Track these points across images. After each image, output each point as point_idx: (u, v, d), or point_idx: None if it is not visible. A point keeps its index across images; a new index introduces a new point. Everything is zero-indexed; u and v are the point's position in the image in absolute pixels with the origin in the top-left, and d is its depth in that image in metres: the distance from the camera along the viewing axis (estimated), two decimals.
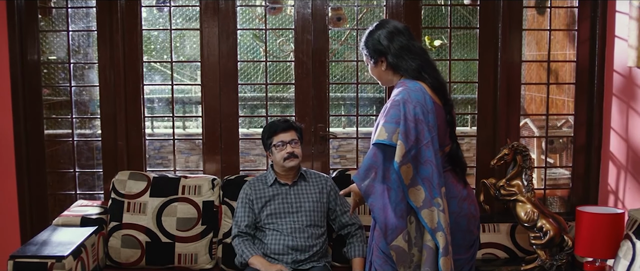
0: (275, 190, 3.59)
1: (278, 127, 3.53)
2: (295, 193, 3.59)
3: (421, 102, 2.68)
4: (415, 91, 2.71)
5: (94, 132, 4.74)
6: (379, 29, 2.90)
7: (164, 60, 5.14)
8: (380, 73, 2.91)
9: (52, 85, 4.43)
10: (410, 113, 2.64)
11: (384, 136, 2.63)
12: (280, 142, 3.51)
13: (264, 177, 3.68)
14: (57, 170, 4.36)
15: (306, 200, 3.58)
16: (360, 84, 4.34)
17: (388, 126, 2.64)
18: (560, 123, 4.99)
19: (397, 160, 2.60)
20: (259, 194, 3.59)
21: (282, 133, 3.52)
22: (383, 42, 2.84)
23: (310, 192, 3.60)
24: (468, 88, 4.33)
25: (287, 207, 3.55)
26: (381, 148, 2.65)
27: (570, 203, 4.20)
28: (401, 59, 2.81)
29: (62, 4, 4.20)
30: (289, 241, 3.47)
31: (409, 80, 2.79)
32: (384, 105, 2.81)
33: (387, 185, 2.64)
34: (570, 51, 4.32)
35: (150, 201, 3.78)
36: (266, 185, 3.62)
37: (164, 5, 4.29)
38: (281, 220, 3.53)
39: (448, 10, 4.36)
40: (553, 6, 4.32)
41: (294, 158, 3.53)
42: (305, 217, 3.53)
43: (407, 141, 2.61)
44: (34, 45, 4.07)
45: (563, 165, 5.00)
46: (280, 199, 3.57)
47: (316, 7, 4.04)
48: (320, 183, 3.67)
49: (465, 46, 5.81)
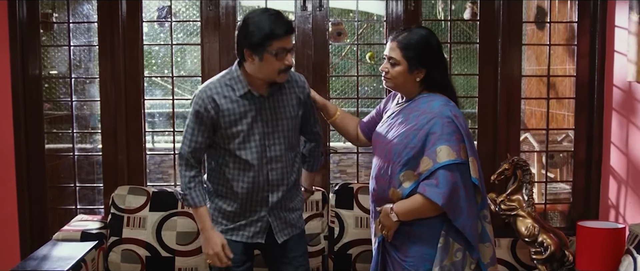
0: (246, 104, 2.80)
1: (282, 30, 2.66)
2: (271, 108, 2.84)
3: (462, 116, 2.67)
4: (453, 105, 2.67)
5: (94, 146, 4.75)
6: (433, 36, 2.71)
7: (165, 75, 5.15)
8: (407, 81, 2.70)
9: (53, 100, 4.44)
10: (464, 127, 2.61)
11: (454, 156, 2.56)
12: (283, 49, 2.68)
13: (228, 83, 2.81)
14: (58, 185, 4.35)
15: (283, 116, 2.87)
16: (360, 99, 4.35)
17: (453, 145, 2.56)
18: (561, 138, 4.99)
19: (475, 176, 2.59)
20: (227, 108, 2.78)
21: (286, 37, 2.69)
22: (436, 54, 2.69)
23: (287, 104, 2.89)
24: (468, 103, 4.33)
25: (263, 127, 2.82)
26: (456, 168, 2.57)
27: (571, 218, 4.19)
28: (444, 77, 2.72)
29: (64, 19, 4.22)
30: (262, 174, 2.84)
31: (435, 94, 2.71)
32: (407, 115, 2.70)
33: (470, 202, 2.63)
34: (570, 66, 4.33)
35: (150, 215, 3.77)
36: (234, 94, 2.79)
37: (165, 20, 4.31)
38: (254, 147, 2.82)
39: (448, 25, 4.38)
40: (552, 21, 4.33)
41: (288, 71, 2.80)
42: (283, 139, 2.87)
43: (475, 155, 2.61)
44: (36, 60, 4.08)
45: (563, 179, 5.00)
46: (252, 117, 2.81)
47: (317, 22, 4.06)
48: (296, 89, 2.93)
49: (465, 61, 5.82)
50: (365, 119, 3.11)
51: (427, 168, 2.58)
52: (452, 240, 2.64)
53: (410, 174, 2.63)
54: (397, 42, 2.69)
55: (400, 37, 2.70)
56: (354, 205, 3.80)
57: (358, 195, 3.80)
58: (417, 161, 2.61)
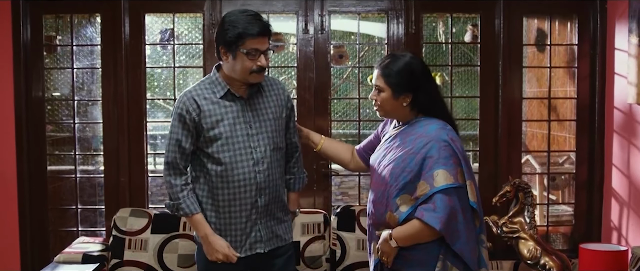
0: (227, 104, 2.78)
1: (255, 30, 2.64)
2: (253, 109, 2.82)
3: (459, 140, 2.67)
4: (449, 129, 2.67)
5: (96, 168, 4.75)
6: (415, 60, 2.71)
7: (168, 97, 5.17)
8: (395, 107, 2.71)
9: (56, 122, 4.46)
10: (461, 151, 2.61)
11: (451, 179, 2.55)
12: (254, 49, 2.66)
13: (208, 86, 2.80)
14: (59, 207, 4.35)
15: (265, 117, 2.84)
16: (362, 121, 4.36)
17: (450, 169, 2.56)
18: (562, 160, 4.99)
19: (473, 199, 2.59)
20: (207, 109, 2.75)
21: (260, 38, 2.66)
22: (419, 77, 2.68)
23: (268, 106, 2.87)
24: (469, 125, 4.34)
25: (246, 129, 2.79)
26: (453, 192, 2.56)
27: (573, 240, 4.19)
28: (432, 99, 2.71)
29: (68, 42, 4.25)
30: (250, 177, 2.77)
31: (432, 118, 2.71)
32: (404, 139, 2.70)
33: (468, 226, 2.62)
34: (571, 88, 4.35)
35: (151, 238, 3.76)
36: (214, 96, 2.78)
37: (167, 43, 4.34)
38: (237, 149, 2.76)
39: (449, 47, 4.41)
40: (553, 44, 4.36)
41: (262, 73, 2.75)
42: (268, 140, 2.82)
43: (473, 178, 2.61)
44: (39, 82, 4.10)
45: (565, 201, 4.99)
46: (234, 118, 2.78)
47: (318, 45, 4.08)
48: (276, 92, 2.92)
49: (466, 83, 5.84)
50: (363, 142, 3.11)
51: (424, 192, 2.57)
52: (450, 264, 2.63)
53: (407, 198, 2.63)
54: (380, 69, 2.72)
55: (383, 65, 2.72)
56: (356, 228, 3.79)
57: (360, 218, 3.80)
58: (414, 185, 2.61)
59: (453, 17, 4.30)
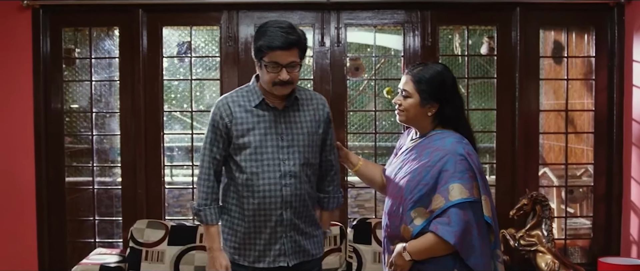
0: (260, 114, 2.75)
1: (277, 43, 2.60)
2: (287, 122, 2.77)
3: (475, 154, 2.66)
4: (466, 143, 2.63)
5: (114, 179, 4.78)
6: (448, 72, 2.69)
7: (184, 109, 5.20)
8: (419, 114, 2.67)
9: (74, 134, 4.49)
10: (477, 165, 2.58)
11: (466, 193, 2.51)
12: (274, 63, 2.63)
13: (245, 94, 2.79)
14: (77, 218, 4.37)
15: (299, 130, 2.79)
16: (378, 134, 4.36)
17: (466, 183, 2.52)
18: (580, 173, 4.95)
19: (488, 214, 2.57)
20: (239, 117, 2.74)
21: (281, 52, 2.61)
22: (449, 90, 2.66)
23: (304, 119, 2.81)
24: (486, 138, 4.33)
25: (277, 140, 2.75)
26: (468, 206, 2.53)
27: (592, 254, 4.14)
28: (457, 113, 2.68)
29: (86, 54, 4.30)
30: (276, 190, 2.73)
31: (449, 131, 2.67)
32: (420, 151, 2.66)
33: (483, 241, 2.60)
34: (588, 100, 4.32)
35: (168, 249, 3.78)
36: (249, 104, 2.77)
37: (184, 55, 4.37)
38: (266, 160, 2.73)
39: (465, 59, 4.40)
40: (570, 56, 4.34)
41: (288, 86, 2.69)
42: (299, 154, 2.76)
43: (488, 193, 2.59)
44: (58, 94, 4.15)
45: (583, 214, 4.95)
46: (265, 128, 2.74)
47: (334, 57, 4.09)
48: (315, 106, 2.86)
49: (482, 95, 5.81)
50: (387, 164, 3.01)
51: (439, 205, 2.55)
52: None
53: (422, 211, 2.61)
54: (412, 75, 2.69)
55: (415, 71, 2.70)
56: (372, 240, 3.79)
57: (376, 230, 3.79)
58: (429, 198, 2.59)
59: (469, 30, 4.30)
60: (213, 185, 2.79)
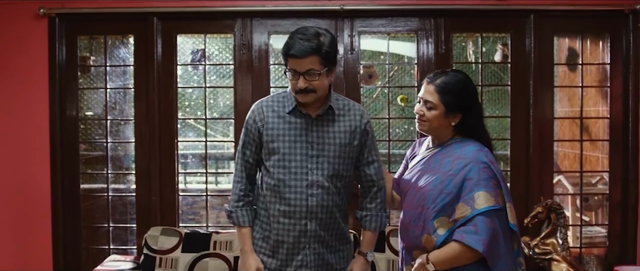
0: (292, 121, 2.73)
1: (291, 49, 2.58)
2: (319, 131, 2.73)
3: (495, 162, 2.63)
4: (487, 151, 2.62)
5: (128, 186, 4.80)
6: (469, 80, 2.65)
7: (198, 116, 5.22)
8: (442, 125, 2.65)
9: (89, 141, 4.52)
10: (499, 173, 2.57)
11: (492, 201, 2.50)
12: (293, 70, 2.61)
13: (281, 99, 2.78)
14: (92, 225, 4.39)
15: (331, 141, 2.72)
16: (392, 141, 4.35)
17: (491, 191, 2.51)
18: (595, 180, 4.91)
19: (514, 222, 2.55)
20: (271, 122, 2.73)
21: (297, 59, 2.58)
22: (472, 98, 2.65)
23: (338, 130, 2.75)
24: (500, 145, 4.31)
25: (307, 149, 2.71)
26: (494, 214, 2.51)
27: (608, 262, 4.11)
28: (478, 122, 2.67)
29: (101, 62, 4.33)
30: (301, 199, 2.69)
31: (468, 140, 2.66)
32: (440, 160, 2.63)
33: (508, 249, 2.59)
34: (603, 107, 4.30)
35: (182, 257, 3.79)
36: (282, 110, 2.75)
37: (199, 63, 4.39)
38: (294, 167, 2.70)
39: (479, 67, 4.39)
40: (584, 63, 4.31)
41: (310, 94, 2.64)
42: (328, 165, 2.71)
43: (511, 200, 2.57)
44: (73, 102, 4.18)
45: (599, 223, 4.91)
46: (295, 135, 2.71)
47: (348, 65, 4.10)
48: (352, 117, 2.79)
49: (496, 103, 5.79)
50: (396, 176, 2.97)
51: (464, 214, 2.52)
52: None
53: (444, 221, 2.57)
54: (435, 85, 2.63)
55: (438, 81, 2.64)
56: (386, 248, 3.77)
57: (389, 238, 3.78)
58: (452, 207, 2.55)
59: (483, 37, 4.29)
60: (245, 187, 2.79)
